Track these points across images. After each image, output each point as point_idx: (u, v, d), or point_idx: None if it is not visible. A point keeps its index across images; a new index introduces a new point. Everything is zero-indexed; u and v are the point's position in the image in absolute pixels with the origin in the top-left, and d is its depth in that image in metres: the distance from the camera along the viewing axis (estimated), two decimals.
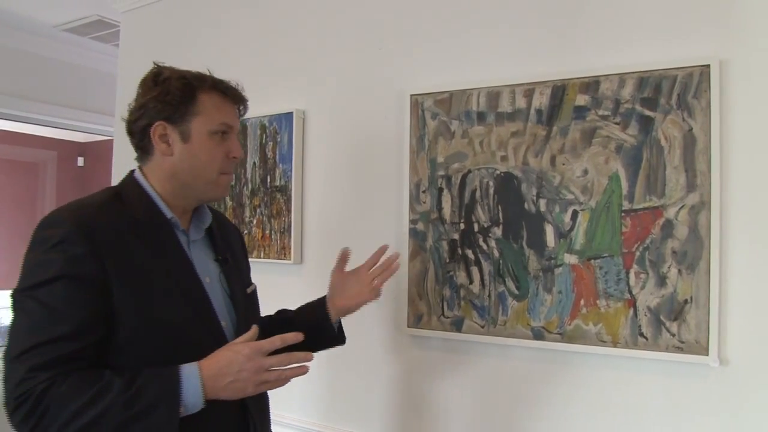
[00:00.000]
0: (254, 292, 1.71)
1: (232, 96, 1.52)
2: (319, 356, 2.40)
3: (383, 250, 1.84)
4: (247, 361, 1.31)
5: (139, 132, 1.47)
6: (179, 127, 1.44)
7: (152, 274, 1.37)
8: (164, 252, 1.42)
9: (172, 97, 1.43)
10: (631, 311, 1.77)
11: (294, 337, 1.39)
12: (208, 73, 1.52)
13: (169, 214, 1.46)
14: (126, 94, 3.32)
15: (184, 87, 1.44)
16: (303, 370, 1.40)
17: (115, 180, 3.27)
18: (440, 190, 2.10)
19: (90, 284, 1.28)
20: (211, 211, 1.66)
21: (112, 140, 3.52)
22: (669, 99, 1.73)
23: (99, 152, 6.88)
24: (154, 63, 1.52)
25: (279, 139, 2.54)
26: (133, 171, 1.52)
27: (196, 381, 1.28)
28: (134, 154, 1.55)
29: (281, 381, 1.38)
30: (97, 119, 4.84)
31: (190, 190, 1.49)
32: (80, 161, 7.13)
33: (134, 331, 1.32)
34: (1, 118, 4.56)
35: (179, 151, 1.45)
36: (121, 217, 1.39)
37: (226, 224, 1.76)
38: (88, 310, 1.27)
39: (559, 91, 1.89)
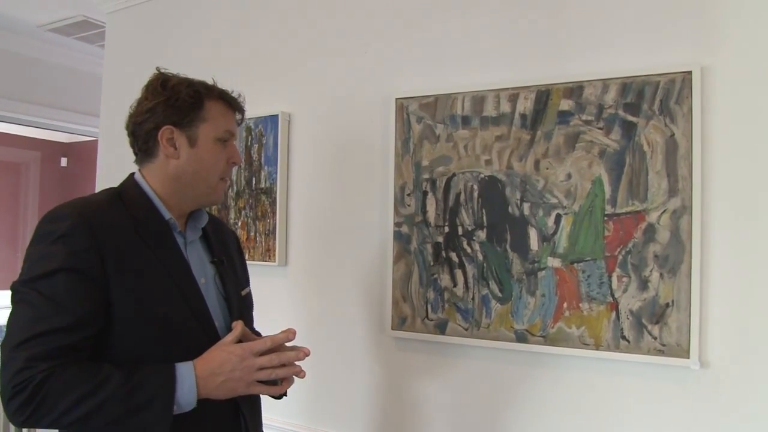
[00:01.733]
0: (249, 295, 1.74)
1: (235, 105, 1.58)
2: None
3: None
4: (240, 361, 1.35)
5: (144, 134, 1.50)
6: (186, 132, 1.49)
7: (150, 273, 1.40)
8: (162, 252, 1.45)
9: (181, 103, 1.47)
10: (614, 314, 1.78)
11: (284, 336, 1.42)
12: (212, 82, 1.57)
13: (167, 215, 1.49)
14: (111, 95, 3.32)
15: (193, 94, 1.49)
16: (295, 370, 1.45)
17: (100, 180, 3.26)
18: (425, 193, 2.11)
19: (90, 278, 1.31)
20: (209, 214, 1.69)
21: (95, 141, 3.51)
22: (651, 105, 1.75)
23: (82, 153, 6.84)
24: (158, 69, 1.55)
25: (264, 142, 2.54)
26: (133, 173, 1.55)
27: (191, 380, 1.32)
28: (119, 155, 1.57)
29: (274, 387, 1.44)
30: (81, 120, 4.82)
31: (191, 192, 1.53)
32: (64, 161, 7.09)
33: (130, 326, 1.35)
34: None
35: (186, 154, 1.49)
36: (122, 216, 1.42)
37: (223, 227, 1.79)
38: (87, 303, 1.30)
39: (544, 96, 1.91)
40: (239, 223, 2.60)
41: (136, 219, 1.44)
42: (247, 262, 2.51)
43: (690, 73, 1.70)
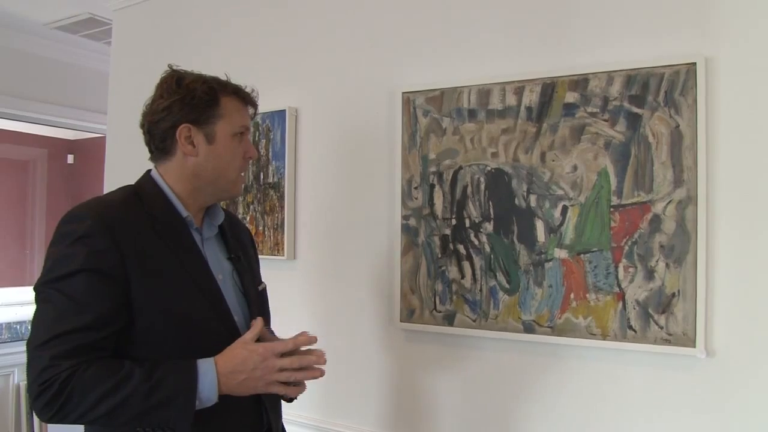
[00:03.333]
0: (264, 290, 1.75)
1: (249, 100, 1.60)
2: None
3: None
4: (262, 360, 1.38)
5: (160, 133, 1.51)
6: (204, 130, 1.50)
7: (169, 270, 1.43)
8: (180, 249, 1.47)
9: (198, 101, 1.48)
10: (620, 304, 1.80)
11: (307, 339, 1.46)
12: (225, 78, 1.58)
13: (184, 212, 1.51)
14: (118, 92, 3.34)
15: (209, 91, 1.50)
16: (315, 374, 1.47)
17: (108, 176, 3.28)
18: (432, 186, 2.13)
19: (111, 277, 1.33)
20: (224, 210, 1.71)
21: (102, 138, 3.53)
22: (656, 96, 1.76)
23: (89, 150, 6.86)
24: (170, 66, 1.56)
25: (272, 137, 2.55)
26: (149, 171, 1.57)
27: (212, 376, 1.34)
28: (127, 152, 1.59)
29: (292, 388, 1.46)
30: (87, 117, 4.83)
31: (212, 188, 1.55)
32: (70, 159, 7.10)
33: (151, 324, 1.38)
34: None
35: (204, 152, 1.51)
36: (140, 214, 1.44)
37: (238, 224, 1.81)
38: (109, 302, 1.33)
39: (549, 88, 1.92)
40: (248, 218, 2.62)
41: (153, 217, 1.45)
42: None
43: (694, 64, 1.71)
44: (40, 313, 1.33)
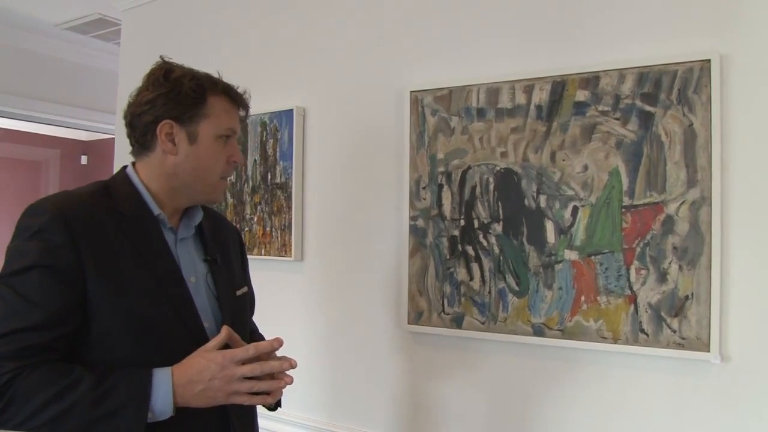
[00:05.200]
0: (245, 295, 1.65)
1: (239, 102, 1.51)
2: (320, 353, 2.41)
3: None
4: (220, 369, 1.28)
5: (142, 127, 1.43)
6: (187, 128, 1.42)
7: (132, 270, 1.34)
8: (148, 248, 1.39)
9: (183, 97, 1.41)
10: (632, 307, 1.76)
11: (269, 345, 1.35)
12: (217, 76, 1.51)
13: (156, 210, 1.43)
14: (128, 93, 3.32)
15: (196, 88, 1.42)
16: (281, 383, 1.36)
17: None
18: (440, 186, 2.10)
19: (65, 275, 1.26)
20: (208, 210, 1.64)
21: (114, 138, 3.53)
22: (669, 94, 1.72)
23: (102, 150, 6.89)
24: (162, 57, 1.50)
25: (279, 137, 2.54)
26: (125, 167, 1.50)
27: (167, 387, 1.26)
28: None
29: (256, 398, 1.35)
30: (99, 117, 4.85)
31: (189, 190, 1.47)
32: (83, 159, 7.15)
33: (108, 327, 1.29)
34: (5, 117, 4.57)
35: (185, 151, 1.43)
36: (107, 210, 1.37)
37: (223, 224, 1.72)
38: (61, 301, 1.25)
39: (559, 86, 1.88)
40: (255, 218, 2.60)
41: (121, 214, 1.38)
42: (263, 257, 2.55)
43: (709, 61, 1.67)
44: None
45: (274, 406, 1.52)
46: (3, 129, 5.74)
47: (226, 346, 1.36)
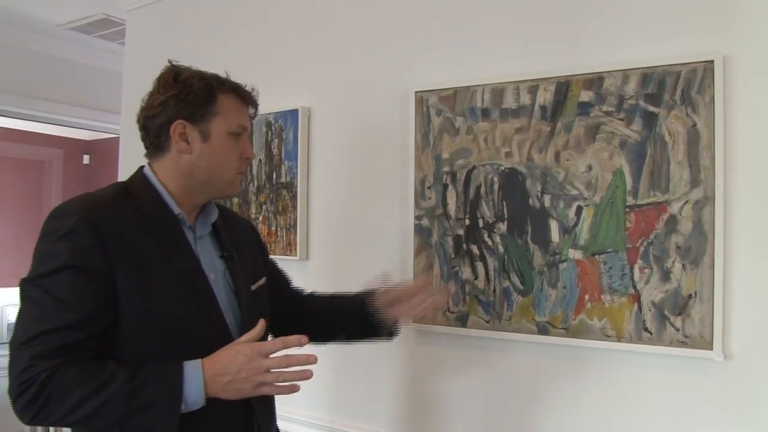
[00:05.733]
0: (262, 287, 1.69)
1: (248, 99, 1.56)
2: (325, 352, 2.42)
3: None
4: (247, 362, 1.32)
5: (155, 129, 1.48)
6: (199, 127, 1.47)
7: (157, 269, 1.39)
8: (171, 247, 1.44)
9: (194, 97, 1.45)
10: (636, 306, 1.78)
11: (296, 340, 1.38)
12: (225, 75, 1.55)
13: (176, 209, 1.48)
14: (132, 92, 3.34)
15: (205, 87, 1.47)
16: (305, 375, 1.39)
17: (122, 177, 3.29)
18: (445, 186, 2.11)
19: (95, 275, 1.30)
20: (220, 207, 1.67)
21: (117, 138, 3.54)
22: (673, 95, 1.74)
23: (105, 150, 6.90)
24: (170, 61, 1.54)
25: (284, 136, 2.55)
26: (142, 167, 1.54)
27: (199, 379, 1.30)
28: (141, 152, 1.57)
29: (283, 387, 1.38)
30: (103, 117, 4.86)
31: (206, 187, 1.52)
32: (86, 159, 7.15)
33: (137, 324, 1.34)
34: (8, 117, 4.58)
35: (198, 150, 1.48)
36: (129, 211, 1.42)
37: (236, 220, 1.77)
38: (93, 301, 1.30)
39: (563, 87, 1.90)
40: (260, 218, 2.61)
41: (143, 214, 1.43)
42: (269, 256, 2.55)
43: (712, 62, 1.68)
44: (23, 312, 1.31)
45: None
46: (7, 129, 5.76)
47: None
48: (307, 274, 2.51)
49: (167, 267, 1.40)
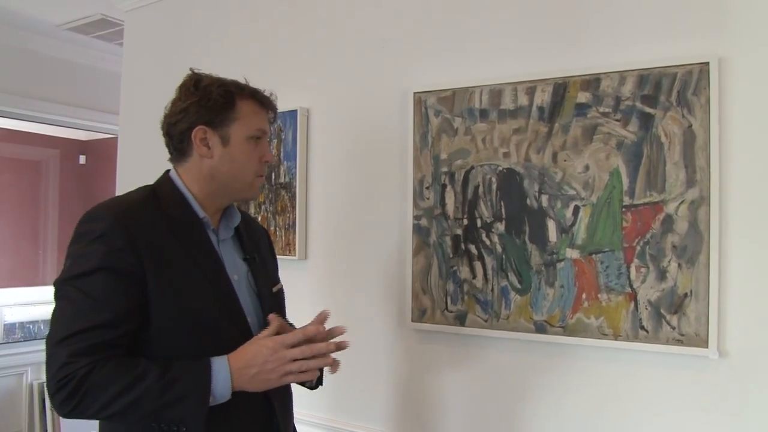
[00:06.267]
0: (280, 291, 1.76)
1: (267, 104, 1.60)
2: None
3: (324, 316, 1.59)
4: (272, 353, 1.38)
5: (178, 135, 1.53)
6: (219, 132, 1.52)
7: (184, 270, 1.45)
8: (196, 249, 1.49)
9: (213, 103, 1.50)
10: (632, 305, 1.80)
11: (315, 329, 1.45)
12: (244, 81, 1.60)
13: (201, 213, 1.53)
14: (130, 93, 3.36)
15: (225, 93, 1.51)
16: (328, 361, 1.46)
17: (120, 177, 3.30)
18: (443, 186, 2.13)
19: (127, 276, 1.36)
20: (241, 212, 1.73)
21: (113, 138, 3.55)
22: (669, 96, 1.76)
23: (100, 150, 6.89)
24: (191, 69, 1.58)
25: (283, 137, 2.56)
26: (168, 171, 1.59)
27: (226, 373, 1.36)
28: (139, 152, 1.60)
29: (305, 374, 1.44)
30: (99, 117, 4.86)
31: (227, 190, 1.56)
32: (82, 159, 7.15)
33: (166, 323, 1.40)
34: (5, 117, 4.57)
35: (219, 154, 1.52)
36: (157, 214, 1.47)
37: (254, 225, 1.82)
38: (126, 300, 1.35)
39: (561, 88, 1.92)
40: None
41: (170, 217, 1.48)
42: None
43: (707, 64, 1.70)
44: (59, 310, 1.36)
45: (316, 385, 1.66)
46: (4, 129, 5.75)
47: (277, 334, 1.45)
48: (306, 273, 2.53)
49: (194, 269, 1.46)
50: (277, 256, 2.53)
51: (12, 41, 4.34)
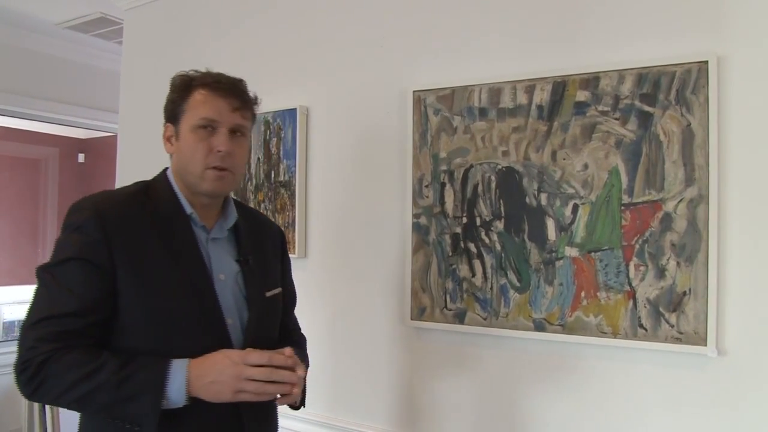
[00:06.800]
0: (276, 296, 1.69)
1: (221, 90, 1.51)
2: (323, 348, 2.44)
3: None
4: (231, 366, 1.35)
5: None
6: (176, 126, 1.53)
7: (161, 266, 1.44)
8: (178, 246, 1.48)
9: (172, 97, 1.54)
10: (631, 303, 1.80)
11: (283, 359, 1.42)
12: (209, 70, 1.57)
13: (188, 209, 1.52)
14: (129, 91, 3.35)
15: (181, 86, 1.53)
16: (286, 389, 1.41)
17: (120, 175, 3.30)
18: (443, 184, 2.13)
19: (98, 268, 1.37)
20: (250, 212, 1.74)
21: (112, 136, 3.55)
22: (668, 95, 1.76)
23: (99, 148, 6.89)
24: (194, 71, 1.59)
25: (283, 135, 2.56)
26: (166, 168, 1.61)
27: (182, 377, 1.33)
28: (138, 150, 1.63)
29: (261, 395, 1.39)
30: (98, 116, 4.85)
31: (189, 184, 1.54)
32: (81, 157, 7.15)
33: (135, 318, 1.40)
34: (4, 115, 4.57)
35: (176, 149, 1.54)
36: (142, 210, 1.47)
37: (264, 226, 1.78)
38: (94, 292, 1.37)
39: (560, 87, 1.92)
40: None
41: (156, 213, 1.49)
42: None
43: (706, 62, 1.71)
44: (35, 296, 1.39)
45: (298, 406, 1.61)
46: (3, 127, 5.75)
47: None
48: (306, 271, 2.53)
49: (173, 265, 1.45)
50: None
51: (11, 40, 4.34)
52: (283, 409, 1.68)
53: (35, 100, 4.51)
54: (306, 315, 2.50)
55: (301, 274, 2.53)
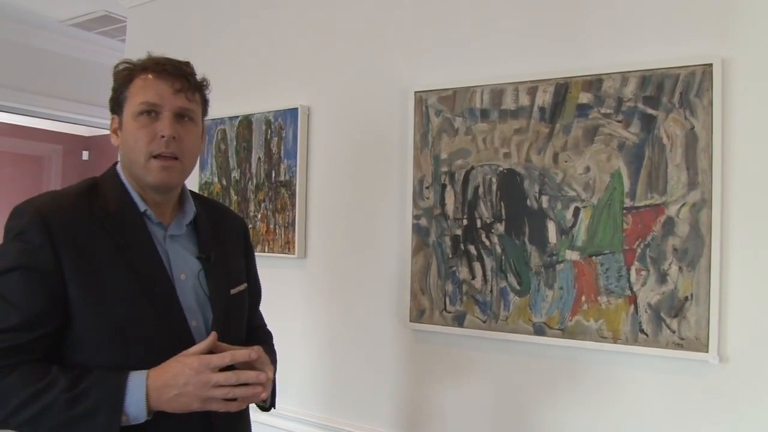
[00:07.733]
0: (242, 293, 1.58)
1: (163, 72, 1.41)
2: (321, 349, 2.43)
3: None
4: (195, 374, 1.25)
5: None
6: (120, 117, 1.41)
7: (113, 270, 1.31)
8: (131, 246, 1.35)
9: (114, 86, 1.42)
10: (632, 308, 1.78)
11: (246, 355, 1.31)
12: (156, 55, 1.49)
13: (142, 206, 1.40)
14: None
15: (123, 74, 1.41)
16: (255, 392, 1.32)
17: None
18: (443, 186, 2.12)
19: (45, 276, 1.25)
20: (210, 203, 1.62)
21: None
22: (671, 97, 1.74)
23: (103, 146, 6.91)
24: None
25: (284, 135, 2.55)
26: (116, 162, 1.47)
27: (141, 392, 1.23)
28: None
29: (231, 405, 1.30)
30: (102, 113, 4.82)
31: (136, 178, 1.41)
32: (85, 155, 7.16)
33: (87, 327, 1.28)
34: (8, 112, 4.58)
35: (120, 140, 1.41)
36: (90, 209, 1.34)
37: (225, 217, 1.67)
38: (41, 302, 1.24)
39: (562, 89, 1.90)
40: (259, 216, 2.62)
41: (105, 212, 1.35)
42: (267, 254, 2.56)
43: (710, 65, 1.69)
44: None
45: (268, 407, 1.52)
46: (7, 124, 5.77)
47: (209, 352, 1.32)
48: (305, 271, 2.52)
49: (124, 267, 1.32)
50: (277, 255, 2.54)
51: (16, 37, 4.35)
52: (280, 410, 1.67)
53: (39, 97, 4.51)
54: (305, 315, 2.50)
55: (300, 273, 2.53)
